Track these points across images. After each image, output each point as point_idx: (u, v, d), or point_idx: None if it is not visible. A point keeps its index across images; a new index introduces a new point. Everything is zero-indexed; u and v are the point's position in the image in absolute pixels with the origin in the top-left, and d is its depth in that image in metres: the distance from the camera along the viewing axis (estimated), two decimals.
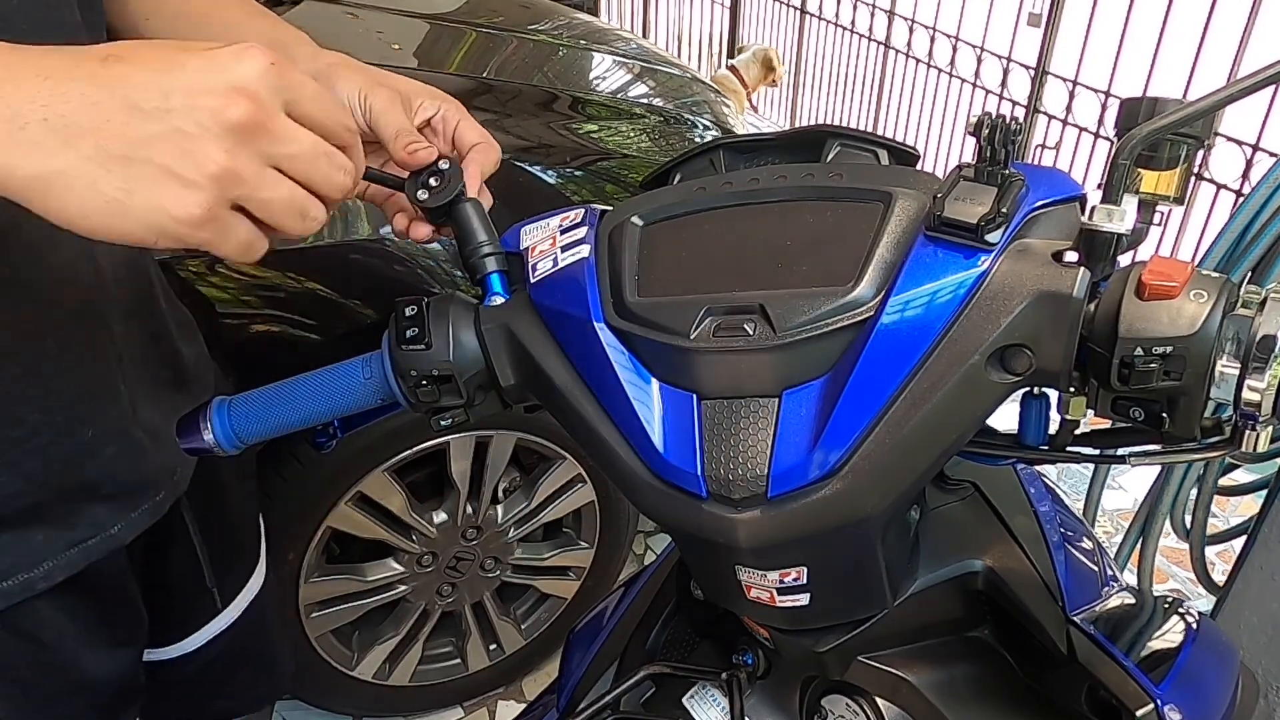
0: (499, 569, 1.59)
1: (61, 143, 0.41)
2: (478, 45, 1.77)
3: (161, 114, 0.42)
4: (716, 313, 0.51)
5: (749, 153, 0.62)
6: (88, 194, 0.42)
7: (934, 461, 0.52)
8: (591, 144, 1.55)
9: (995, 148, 0.50)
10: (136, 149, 0.42)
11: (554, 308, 0.57)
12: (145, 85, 0.42)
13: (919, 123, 3.69)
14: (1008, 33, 3.11)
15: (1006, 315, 0.48)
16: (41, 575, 0.67)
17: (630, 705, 0.70)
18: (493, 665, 1.70)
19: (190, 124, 0.42)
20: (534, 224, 0.64)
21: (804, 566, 0.54)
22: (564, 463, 1.54)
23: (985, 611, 0.65)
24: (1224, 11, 2.40)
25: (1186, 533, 1.61)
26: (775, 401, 0.50)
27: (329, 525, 1.39)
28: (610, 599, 0.83)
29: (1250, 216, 1.30)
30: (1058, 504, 0.72)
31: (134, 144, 0.42)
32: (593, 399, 0.55)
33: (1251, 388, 0.46)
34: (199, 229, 0.44)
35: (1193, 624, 0.69)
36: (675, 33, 5.23)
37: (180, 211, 0.43)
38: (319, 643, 1.50)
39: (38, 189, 0.42)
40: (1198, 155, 0.56)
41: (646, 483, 0.53)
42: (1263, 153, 2.36)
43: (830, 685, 0.65)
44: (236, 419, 0.62)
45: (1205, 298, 0.46)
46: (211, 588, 0.90)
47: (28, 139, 0.41)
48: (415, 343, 0.58)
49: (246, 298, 1.21)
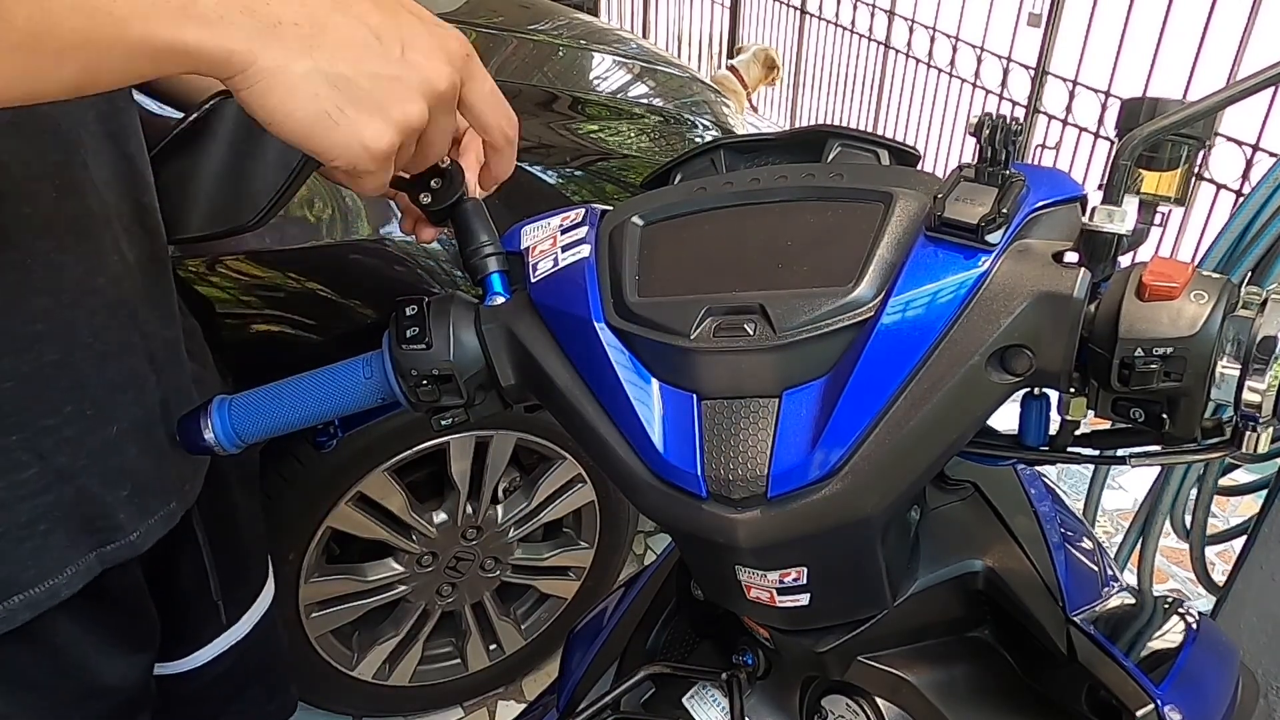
0: (499, 569, 1.59)
1: (307, 47, 0.45)
2: (478, 45, 1.77)
3: (390, 59, 0.48)
4: (717, 313, 0.51)
5: (749, 153, 0.62)
6: (307, 100, 0.46)
7: (934, 462, 0.52)
8: (591, 144, 1.55)
9: (995, 148, 0.50)
10: (364, 79, 0.47)
11: (554, 308, 0.57)
12: (380, 26, 0.48)
13: (919, 123, 3.68)
14: (1008, 33, 3.11)
15: (1007, 316, 0.48)
16: (64, 582, 0.67)
17: (630, 705, 0.70)
18: (493, 665, 1.70)
19: (412, 75, 0.48)
20: (534, 224, 0.64)
21: (804, 566, 0.54)
22: (564, 463, 1.54)
23: (985, 611, 0.65)
24: (1224, 11, 2.40)
25: (1186, 533, 1.61)
26: (775, 402, 0.50)
27: (329, 525, 1.39)
28: (610, 599, 0.83)
29: (1250, 216, 1.30)
30: (1058, 504, 0.72)
31: (364, 74, 0.47)
32: (593, 399, 0.55)
33: (1252, 389, 0.46)
34: (375, 161, 0.49)
35: (1193, 624, 0.70)
36: (675, 33, 5.23)
37: (374, 143, 0.48)
38: (319, 643, 1.50)
39: (265, 83, 0.45)
40: (1198, 156, 0.56)
41: (646, 483, 0.53)
42: (1263, 153, 2.36)
43: (830, 685, 0.65)
44: (237, 418, 0.62)
45: (1206, 298, 0.46)
46: (218, 600, 0.90)
47: (278, 36, 0.45)
48: (416, 342, 0.58)
49: (247, 298, 1.21)
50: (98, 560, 0.69)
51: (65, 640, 0.70)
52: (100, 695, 0.75)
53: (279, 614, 1.04)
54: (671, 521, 0.53)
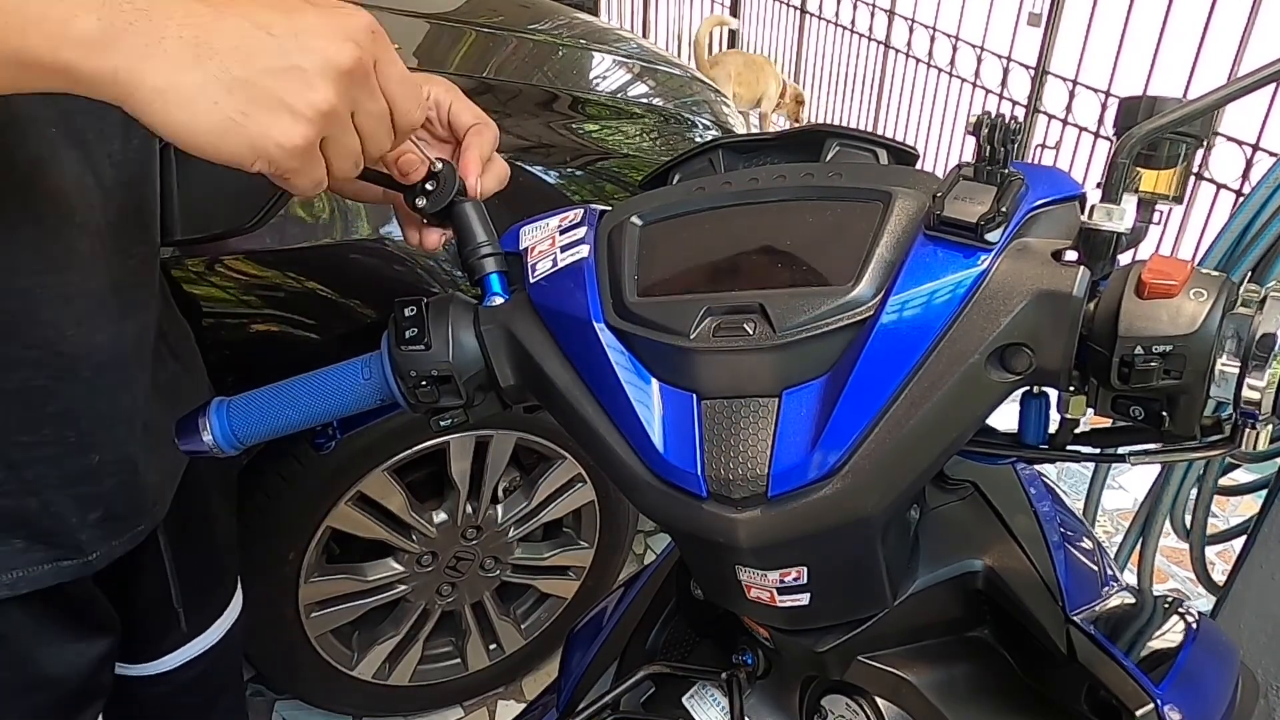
0: (499, 569, 1.59)
1: (194, 59, 0.44)
2: (478, 45, 1.77)
3: (285, 51, 0.46)
4: (716, 312, 0.51)
5: (748, 152, 0.62)
6: (207, 111, 0.45)
7: (934, 461, 0.52)
8: (591, 144, 1.55)
9: (995, 147, 0.50)
10: (260, 76, 0.45)
11: (553, 308, 0.57)
12: (270, 22, 0.46)
13: (919, 123, 3.68)
14: (1008, 33, 3.11)
15: (1006, 314, 0.48)
16: (5, 583, 0.67)
17: (630, 705, 0.70)
18: (493, 665, 1.70)
19: (309, 62, 0.46)
20: (533, 224, 0.64)
21: (804, 566, 0.54)
22: (564, 463, 1.54)
23: (985, 611, 0.65)
24: (1224, 11, 2.40)
25: (1186, 533, 1.60)
26: (775, 401, 0.50)
27: (329, 525, 1.39)
28: (610, 599, 0.83)
29: (1250, 216, 1.30)
30: (1058, 504, 0.72)
31: (259, 72, 0.45)
32: (592, 399, 0.55)
33: (1251, 386, 0.46)
34: (295, 158, 0.47)
35: (1193, 624, 0.69)
36: (675, 33, 5.23)
37: (286, 140, 0.46)
38: (319, 642, 1.50)
39: (160, 101, 0.44)
40: (1197, 154, 0.56)
41: (646, 483, 0.53)
42: (1263, 153, 2.36)
43: (830, 685, 0.65)
44: (235, 419, 0.62)
45: (1205, 296, 0.46)
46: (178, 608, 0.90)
47: (163, 52, 0.44)
48: (415, 343, 0.58)
49: (246, 298, 1.21)
50: (53, 574, 0.69)
51: (9, 630, 0.70)
52: (45, 686, 0.75)
53: (279, 613, 1.05)
54: (671, 521, 0.53)
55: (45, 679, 0.74)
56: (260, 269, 1.21)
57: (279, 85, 0.46)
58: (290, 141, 0.46)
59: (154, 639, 0.93)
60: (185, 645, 0.94)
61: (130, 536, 0.75)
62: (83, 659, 0.77)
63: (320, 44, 0.46)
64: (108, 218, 0.66)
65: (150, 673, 0.94)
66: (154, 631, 0.92)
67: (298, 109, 0.46)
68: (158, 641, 0.93)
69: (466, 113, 0.66)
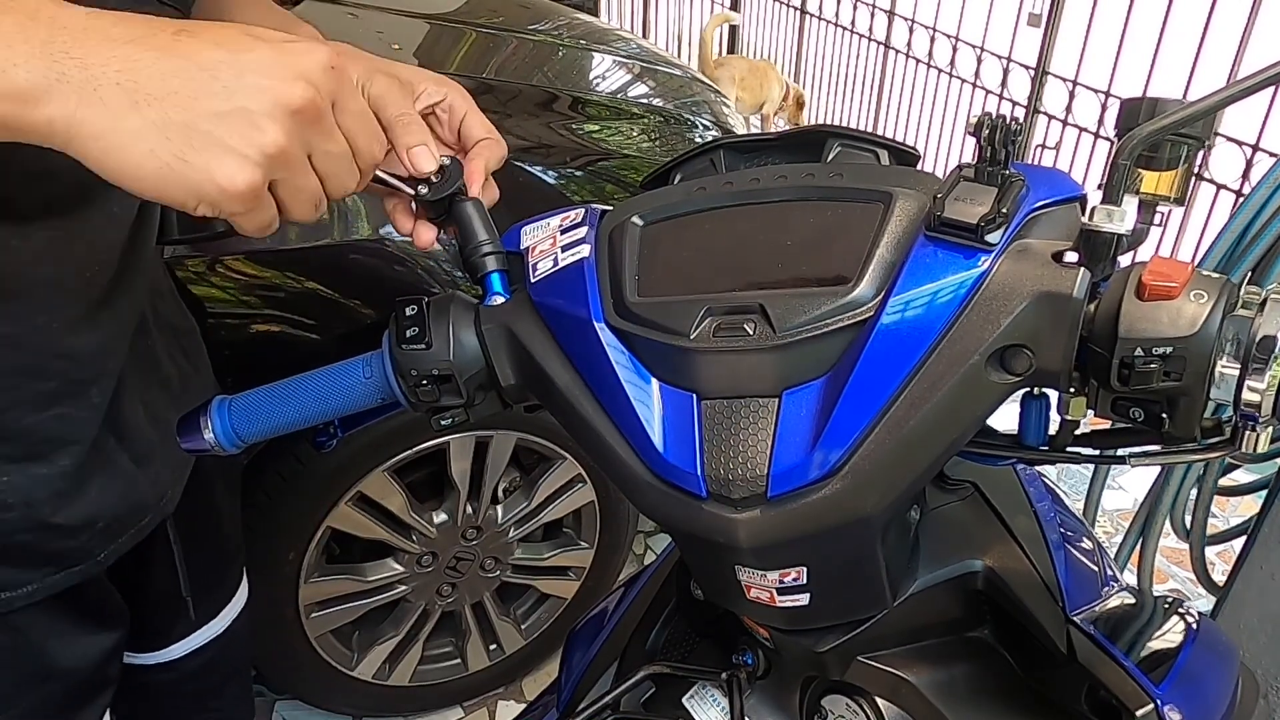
0: (499, 569, 1.59)
1: (130, 105, 0.43)
2: (478, 45, 1.77)
3: (230, 91, 0.45)
4: (716, 313, 0.51)
5: (749, 153, 0.62)
6: (145, 156, 0.44)
7: (934, 461, 0.52)
8: (591, 144, 1.55)
9: (995, 148, 0.50)
10: (200, 120, 0.44)
11: (554, 307, 0.57)
12: (216, 62, 0.45)
13: (919, 123, 3.68)
14: (1008, 33, 3.11)
15: (1006, 315, 0.48)
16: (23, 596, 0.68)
17: (630, 705, 0.70)
18: (493, 665, 1.70)
19: (255, 103, 0.45)
20: (534, 224, 0.64)
21: (804, 566, 0.54)
22: (564, 463, 1.54)
23: (985, 611, 0.65)
24: (1224, 11, 2.40)
25: (1186, 533, 1.60)
26: (775, 401, 0.50)
27: (329, 525, 1.39)
28: (610, 599, 0.83)
29: (1250, 216, 1.30)
30: (1058, 504, 0.72)
31: (199, 116, 0.44)
32: (593, 399, 0.55)
33: (1251, 388, 0.46)
34: (238, 202, 0.46)
35: (1193, 624, 0.69)
36: (675, 33, 5.23)
37: (228, 183, 0.45)
38: (319, 643, 1.50)
39: (98, 147, 0.44)
40: (1198, 156, 0.56)
41: (646, 482, 0.53)
42: (1263, 153, 2.36)
43: (830, 685, 0.65)
44: (237, 418, 0.62)
45: (1205, 298, 0.46)
46: (187, 597, 0.91)
47: (99, 100, 0.43)
48: (415, 342, 0.58)
49: (246, 298, 1.21)
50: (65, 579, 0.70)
51: (24, 623, 0.71)
52: (56, 677, 0.75)
53: (279, 613, 1.06)
54: (671, 521, 0.53)
55: (57, 670, 0.75)
56: (260, 269, 1.21)
57: (221, 128, 0.44)
58: (233, 185, 0.45)
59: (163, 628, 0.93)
60: (193, 633, 0.95)
61: (136, 531, 0.75)
62: (94, 651, 0.78)
63: (268, 84, 0.45)
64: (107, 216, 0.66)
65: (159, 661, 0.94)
66: (163, 621, 0.93)
67: (242, 151, 0.45)
68: (167, 630, 0.93)
69: (479, 127, 0.67)
